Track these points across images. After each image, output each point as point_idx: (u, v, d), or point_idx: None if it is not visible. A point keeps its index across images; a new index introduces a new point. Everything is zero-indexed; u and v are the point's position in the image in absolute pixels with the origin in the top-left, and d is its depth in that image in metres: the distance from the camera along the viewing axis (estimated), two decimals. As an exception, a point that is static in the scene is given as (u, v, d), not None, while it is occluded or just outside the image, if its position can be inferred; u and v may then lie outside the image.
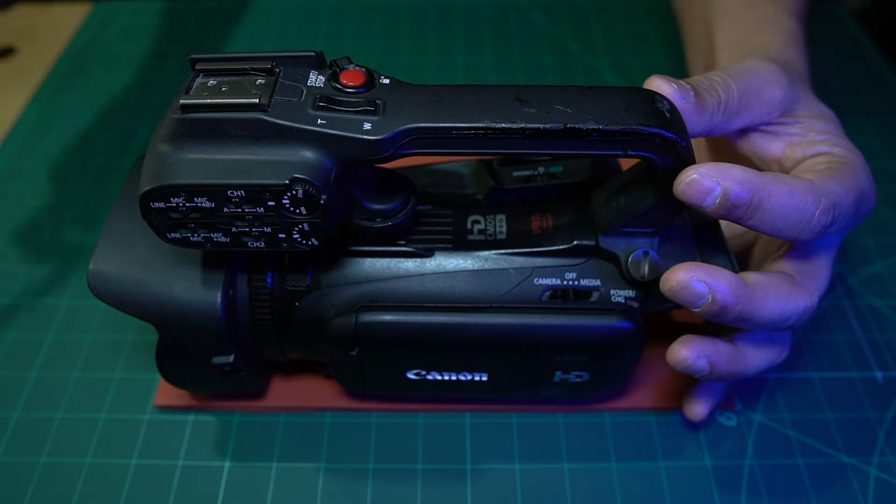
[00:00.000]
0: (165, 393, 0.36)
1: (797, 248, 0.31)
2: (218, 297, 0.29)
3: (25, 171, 0.49)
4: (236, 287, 0.31)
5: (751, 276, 0.28)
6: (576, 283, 0.30)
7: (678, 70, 0.56)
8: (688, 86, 0.28)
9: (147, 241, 0.30)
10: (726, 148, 0.34)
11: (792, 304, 0.28)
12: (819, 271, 0.30)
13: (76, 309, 0.41)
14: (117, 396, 0.37)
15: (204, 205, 0.25)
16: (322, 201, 0.25)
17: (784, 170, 0.31)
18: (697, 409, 0.34)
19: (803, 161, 0.31)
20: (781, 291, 0.28)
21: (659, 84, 0.27)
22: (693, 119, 0.28)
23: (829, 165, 0.29)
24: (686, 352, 0.29)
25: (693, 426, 0.36)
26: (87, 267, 0.29)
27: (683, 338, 0.29)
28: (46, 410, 0.36)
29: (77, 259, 0.43)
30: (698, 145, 0.36)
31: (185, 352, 0.31)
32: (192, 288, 0.29)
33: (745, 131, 0.32)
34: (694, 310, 0.27)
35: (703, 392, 0.35)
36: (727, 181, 0.25)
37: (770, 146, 0.32)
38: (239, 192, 0.25)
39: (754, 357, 0.31)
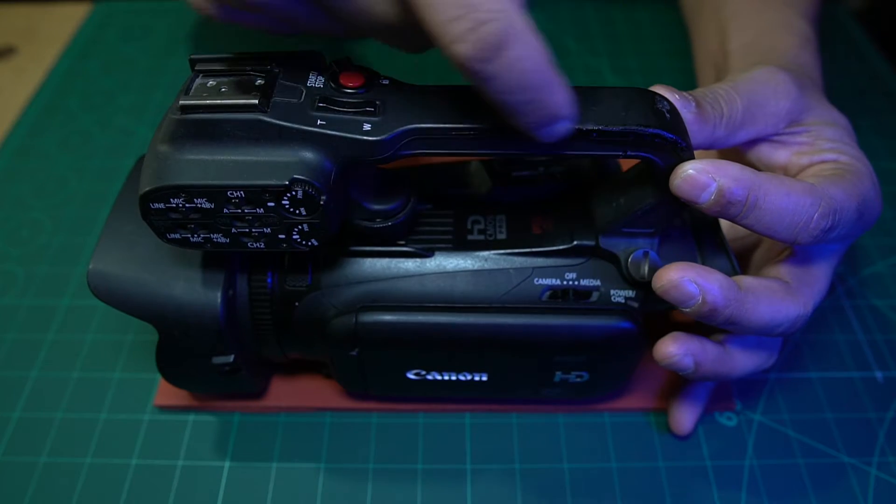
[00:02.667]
0: (165, 393, 0.36)
1: (796, 254, 0.30)
2: (218, 297, 0.29)
3: (25, 171, 0.49)
4: (236, 287, 0.31)
5: (744, 280, 0.28)
6: (576, 283, 0.30)
7: (679, 70, 0.56)
8: (689, 97, 0.28)
9: (147, 241, 0.30)
10: (732, 155, 0.33)
11: (784, 312, 0.28)
12: (816, 280, 0.30)
13: (76, 309, 0.41)
14: (117, 396, 0.37)
15: (204, 205, 0.25)
16: (322, 202, 0.25)
17: (788, 175, 0.30)
18: (684, 422, 0.35)
19: (809, 167, 0.30)
20: (774, 298, 0.28)
21: (661, 93, 0.27)
22: (693, 130, 0.27)
23: (834, 172, 0.29)
24: (673, 348, 0.29)
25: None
26: (87, 267, 0.29)
27: (672, 334, 0.29)
28: (46, 410, 0.36)
29: (77, 259, 0.43)
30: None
31: (185, 352, 0.31)
32: (192, 288, 0.29)
33: (751, 141, 0.31)
34: (685, 310, 0.27)
35: (687, 404, 0.35)
36: (723, 178, 0.25)
37: (776, 154, 0.31)
38: (238, 193, 0.25)
39: (741, 360, 0.31)
